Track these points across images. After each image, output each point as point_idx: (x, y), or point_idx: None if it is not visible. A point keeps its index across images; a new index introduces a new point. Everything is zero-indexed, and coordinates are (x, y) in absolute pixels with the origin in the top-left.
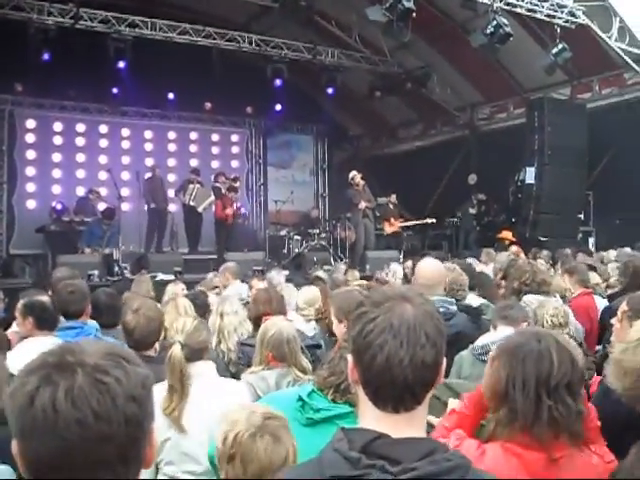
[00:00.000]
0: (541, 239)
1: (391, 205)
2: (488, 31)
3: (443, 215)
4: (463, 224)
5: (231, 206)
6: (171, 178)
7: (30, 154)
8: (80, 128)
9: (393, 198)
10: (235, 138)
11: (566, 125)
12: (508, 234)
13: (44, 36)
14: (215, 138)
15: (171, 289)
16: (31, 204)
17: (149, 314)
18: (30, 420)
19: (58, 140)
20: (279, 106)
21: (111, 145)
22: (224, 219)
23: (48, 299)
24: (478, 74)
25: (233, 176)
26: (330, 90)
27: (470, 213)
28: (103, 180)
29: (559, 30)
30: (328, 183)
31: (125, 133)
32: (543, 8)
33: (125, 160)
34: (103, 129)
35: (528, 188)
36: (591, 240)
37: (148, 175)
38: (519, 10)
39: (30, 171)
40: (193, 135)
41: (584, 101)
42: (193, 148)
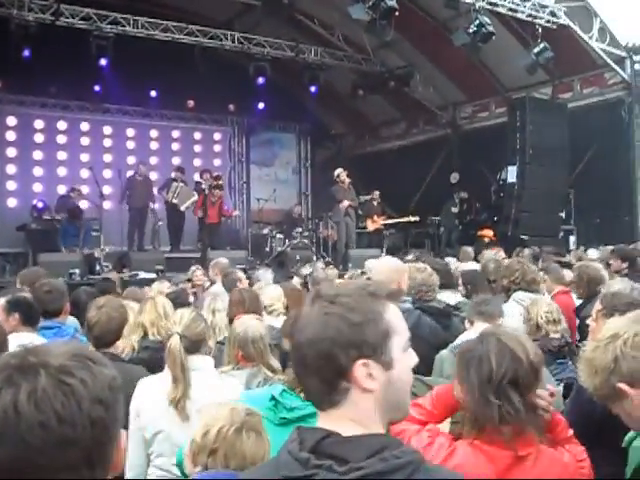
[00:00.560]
0: (523, 237)
1: (374, 202)
2: (470, 30)
3: (425, 213)
4: (445, 222)
5: (214, 206)
6: (153, 176)
7: (11, 152)
8: (61, 126)
9: (376, 195)
10: (218, 136)
11: (547, 124)
12: (489, 232)
13: (24, 32)
14: (197, 136)
15: (156, 287)
16: (12, 202)
17: (111, 312)
18: None
19: (39, 138)
20: (262, 104)
21: (93, 143)
22: (197, 214)
23: (31, 296)
24: (460, 73)
25: (216, 174)
26: (313, 88)
27: (452, 212)
28: (85, 178)
29: (540, 30)
30: (311, 181)
31: (107, 131)
32: (525, 8)
33: (107, 158)
34: (85, 127)
35: (510, 187)
36: (572, 238)
37: (130, 173)
38: (501, 10)
39: (11, 169)
40: (175, 133)
41: (565, 101)
42: (175, 146)
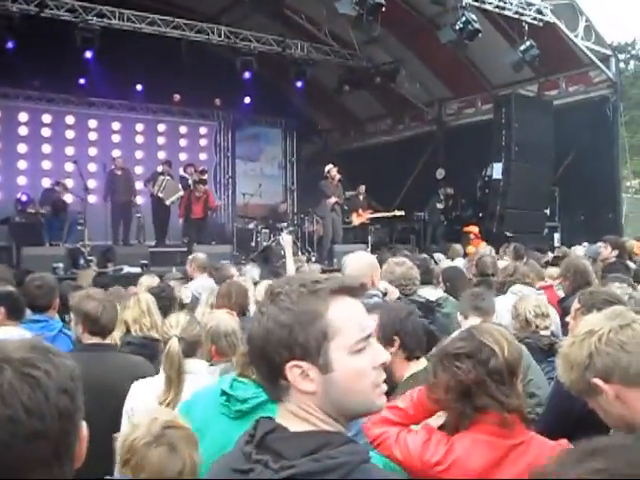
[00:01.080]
0: (508, 234)
1: (360, 197)
2: (457, 27)
3: (411, 209)
4: (430, 218)
5: (199, 201)
6: (138, 170)
7: None
8: (46, 119)
9: (362, 189)
10: (203, 131)
11: (533, 121)
12: (474, 228)
13: (8, 24)
14: (183, 130)
15: (145, 281)
16: None
17: (112, 302)
18: None
19: (23, 131)
20: (248, 99)
21: (78, 136)
22: (188, 212)
23: (16, 290)
24: (447, 70)
25: (201, 168)
26: (299, 83)
27: (437, 207)
28: (69, 172)
29: (527, 27)
30: (297, 177)
31: (92, 124)
32: (512, 5)
33: (92, 152)
34: (70, 120)
35: (495, 183)
36: (556, 235)
37: (110, 167)
38: (488, 7)
39: None
40: (161, 127)
41: (551, 98)
42: (161, 140)
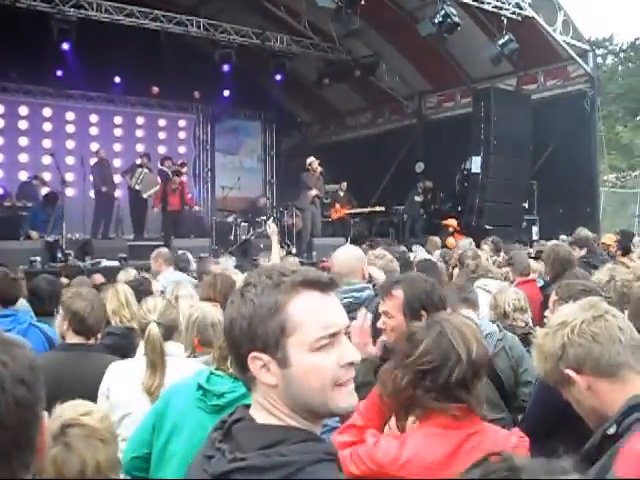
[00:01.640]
0: (486, 227)
1: (341, 192)
2: (436, 20)
3: (390, 202)
4: (409, 211)
5: (175, 194)
6: (117, 163)
7: None
8: (23, 111)
9: (344, 186)
10: (182, 123)
11: (511, 115)
12: (453, 222)
13: None
14: (162, 123)
15: (123, 276)
16: None
17: (99, 302)
18: None
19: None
20: (227, 92)
21: (55, 129)
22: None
23: None
24: (426, 63)
25: (180, 162)
26: (279, 76)
27: (415, 200)
28: (47, 164)
29: (506, 22)
30: (276, 170)
31: (70, 117)
32: None
33: (70, 144)
34: (47, 112)
35: (474, 177)
36: (535, 228)
37: (94, 160)
38: (467, 0)
39: None
40: (140, 120)
41: (529, 92)
42: (139, 133)
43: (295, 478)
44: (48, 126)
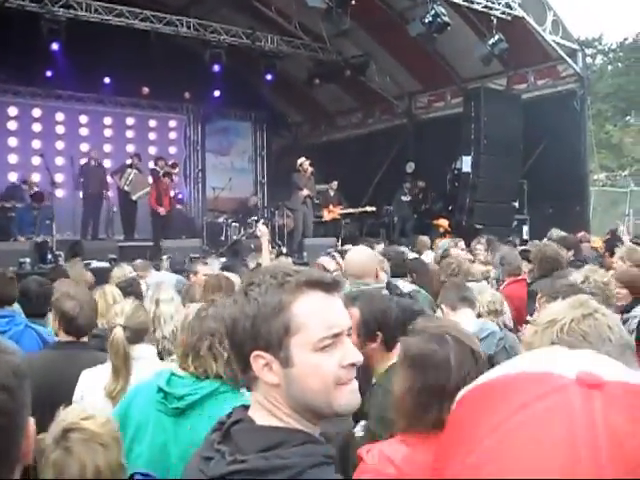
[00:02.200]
0: (477, 227)
1: (331, 192)
2: (426, 20)
3: (381, 203)
4: (397, 212)
5: (167, 195)
6: (107, 164)
7: None
8: (12, 112)
9: (334, 185)
10: (173, 124)
11: (502, 115)
12: (444, 222)
13: None
14: (152, 124)
15: (117, 273)
16: None
17: (91, 302)
18: None
19: None
20: (217, 92)
21: (45, 130)
22: (157, 208)
23: None
24: (416, 63)
25: (172, 162)
26: (269, 77)
27: (403, 200)
28: (36, 165)
29: (496, 21)
30: (267, 170)
31: (59, 117)
32: None
33: (59, 145)
34: (36, 113)
35: (465, 177)
36: (525, 228)
37: (84, 161)
38: (457, 0)
39: None
40: (130, 120)
41: (519, 92)
42: (130, 134)
43: (298, 478)
44: (37, 127)
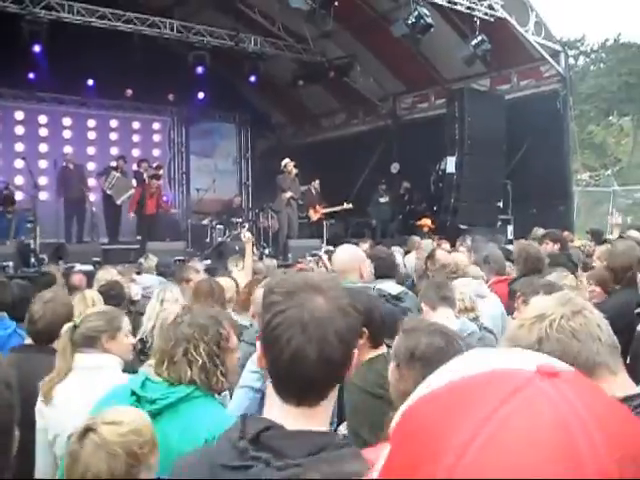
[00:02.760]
0: (461, 227)
1: (313, 191)
2: (410, 21)
3: (366, 204)
4: (375, 215)
5: (152, 197)
6: (90, 167)
7: None
8: None
9: (316, 184)
10: (157, 126)
11: (485, 115)
12: (427, 222)
13: None
14: (136, 126)
15: (102, 276)
16: None
17: (58, 308)
18: None
19: None
20: (201, 94)
21: (28, 132)
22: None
23: None
24: (400, 64)
25: (156, 164)
26: (253, 78)
27: (381, 202)
28: (19, 168)
29: (478, 22)
30: (251, 172)
31: (42, 120)
32: (463, 0)
33: (43, 148)
34: (19, 115)
35: (449, 177)
36: (509, 228)
37: (62, 164)
38: (440, 1)
39: None
40: (113, 123)
41: (503, 92)
42: (113, 136)
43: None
44: (20, 129)
